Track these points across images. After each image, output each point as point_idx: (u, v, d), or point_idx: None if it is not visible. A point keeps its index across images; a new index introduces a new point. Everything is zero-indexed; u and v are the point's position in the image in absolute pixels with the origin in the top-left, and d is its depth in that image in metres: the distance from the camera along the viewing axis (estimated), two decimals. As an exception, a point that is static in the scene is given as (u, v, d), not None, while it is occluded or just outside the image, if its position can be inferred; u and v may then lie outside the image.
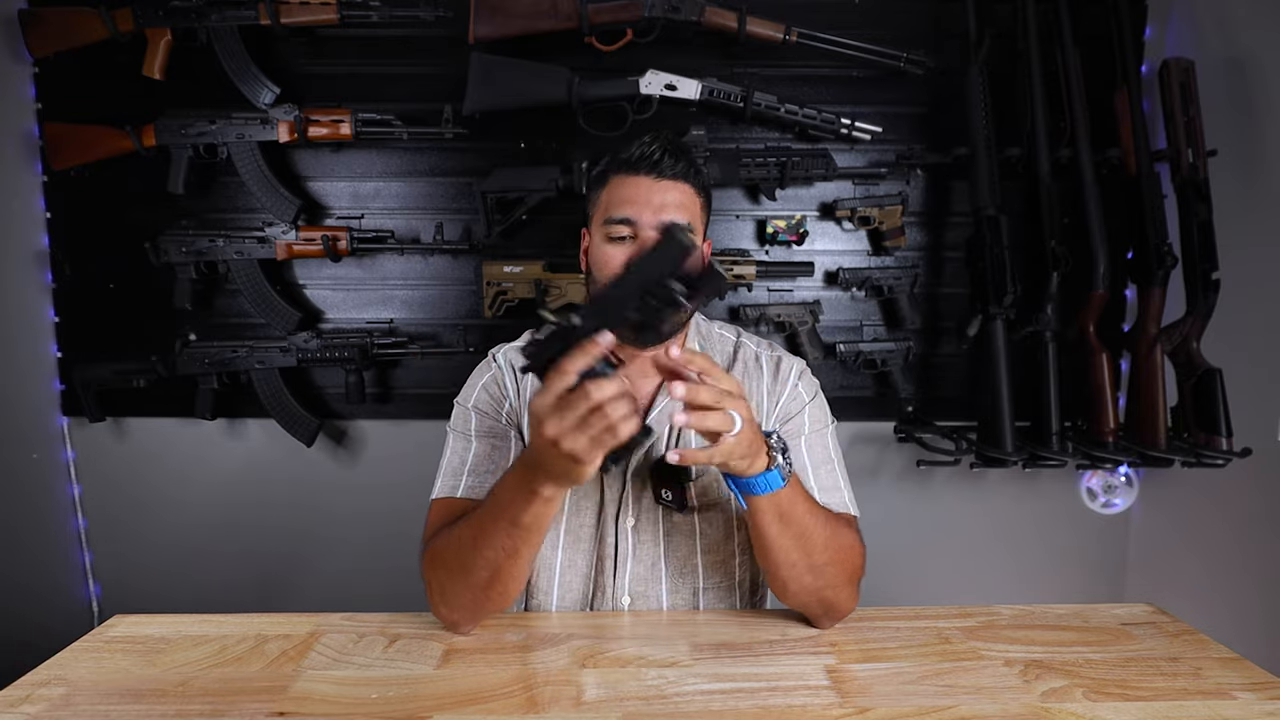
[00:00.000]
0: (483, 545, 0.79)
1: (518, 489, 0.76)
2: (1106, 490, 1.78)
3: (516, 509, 0.76)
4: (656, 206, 0.88)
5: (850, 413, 1.74)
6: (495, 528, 0.78)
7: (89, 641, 0.84)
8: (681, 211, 0.89)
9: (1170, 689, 0.76)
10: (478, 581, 0.81)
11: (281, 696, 0.73)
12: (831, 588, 0.85)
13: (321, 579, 1.80)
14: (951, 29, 1.62)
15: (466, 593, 0.82)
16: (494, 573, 0.80)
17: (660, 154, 0.89)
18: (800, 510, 0.81)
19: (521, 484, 0.75)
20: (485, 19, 1.52)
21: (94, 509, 1.77)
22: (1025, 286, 1.54)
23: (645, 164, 0.90)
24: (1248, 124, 1.53)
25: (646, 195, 0.89)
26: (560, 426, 0.67)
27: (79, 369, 1.65)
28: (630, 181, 0.90)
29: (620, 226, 0.89)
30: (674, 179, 0.90)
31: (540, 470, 0.73)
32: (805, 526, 0.81)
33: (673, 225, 0.59)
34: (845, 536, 0.87)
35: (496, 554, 0.79)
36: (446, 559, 0.83)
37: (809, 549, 0.82)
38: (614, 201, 0.90)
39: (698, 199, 0.93)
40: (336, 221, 1.66)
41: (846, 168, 1.64)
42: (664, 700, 0.73)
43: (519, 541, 0.78)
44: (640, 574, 0.96)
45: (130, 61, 1.56)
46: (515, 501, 0.76)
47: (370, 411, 1.73)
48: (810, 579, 0.84)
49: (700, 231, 0.93)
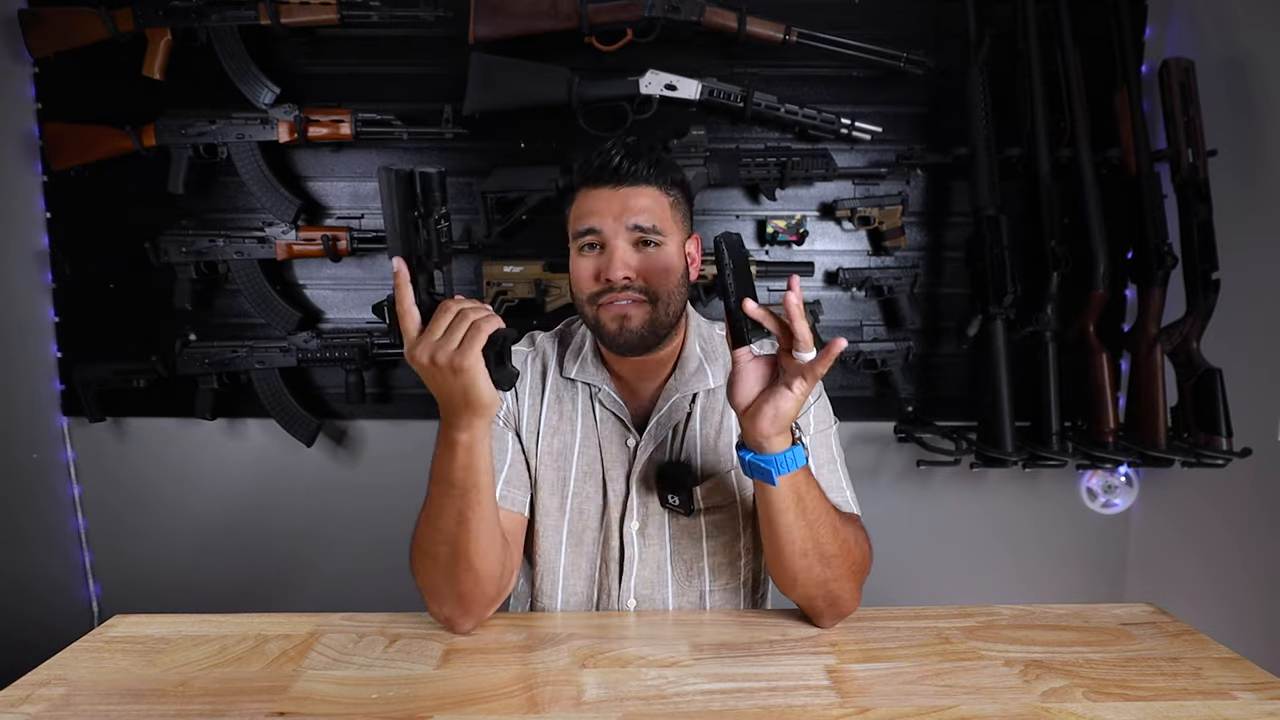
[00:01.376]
0: (435, 519, 0.80)
1: (440, 448, 0.77)
2: (1106, 490, 1.78)
3: (444, 467, 0.77)
4: (618, 212, 0.88)
5: (850, 413, 1.74)
6: (437, 495, 0.79)
7: (89, 641, 0.84)
8: (646, 215, 0.89)
9: (1170, 689, 0.76)
10: (441, 561, 0.81)
11: (281, 696, 0.73)
12: (838, 580, 0.85)
13: (321, 579, 1.80)
14: (951, 29, 1.62)
15: (438, 576, 0.82)
16: (452, 546, 0.80)
17: (619, 159, 0.89)
18: (815, 494, 0.81)
19: (441, 441, 0.77)
20: (485, 19, 1.52)
21: (94, 509, 1.77)
22: (1025, 286, 1.54)
23: (605, 173, 0.89)
24: (1248, 124, 1.54)
25: (608, 204, 0.89)
26: (429, 346, 0.71)
27: (79, 369, 1.65)
28: (593, 194, 0.90)
29: (587, 237, 0.89)
30: (636, 184, 0.89)
31: (446, 412, 0.75)
32: (819, 512, 0.82)
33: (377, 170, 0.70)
34: (852, 531, 0.87)
35: (447, 523, 0.79)
36: (416, 549, 0.83)
37: (820, 537, 0.82)
38: (580, 214, 0.91)
39: (665, 198, 0.91)
40: (336, 221, 1.66)
41: (846, 168, 1.64)
42: (664, 700, 0.73)
43: (461, 504, 0.78)
44: (646, 578, 0.96)
45: (130, 61, 1.56)
46: (441, 460, 0.77)
47: (370, 411, 1.73)
48: (820, 569, 0.83)
49: (675, 227, 0.92)
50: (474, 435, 0.75)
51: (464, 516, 0.78)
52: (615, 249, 0.88)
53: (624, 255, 0.88)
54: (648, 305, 0.89)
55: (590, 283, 0.90)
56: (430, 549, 0.81)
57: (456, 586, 0.82)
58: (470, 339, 0.70)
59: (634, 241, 0.89)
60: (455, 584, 0.82)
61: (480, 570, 0.81)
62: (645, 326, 0.89)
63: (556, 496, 0.97)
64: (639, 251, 0.89)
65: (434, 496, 0.79)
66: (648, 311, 0.89)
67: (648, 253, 0.89)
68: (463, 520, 0.78)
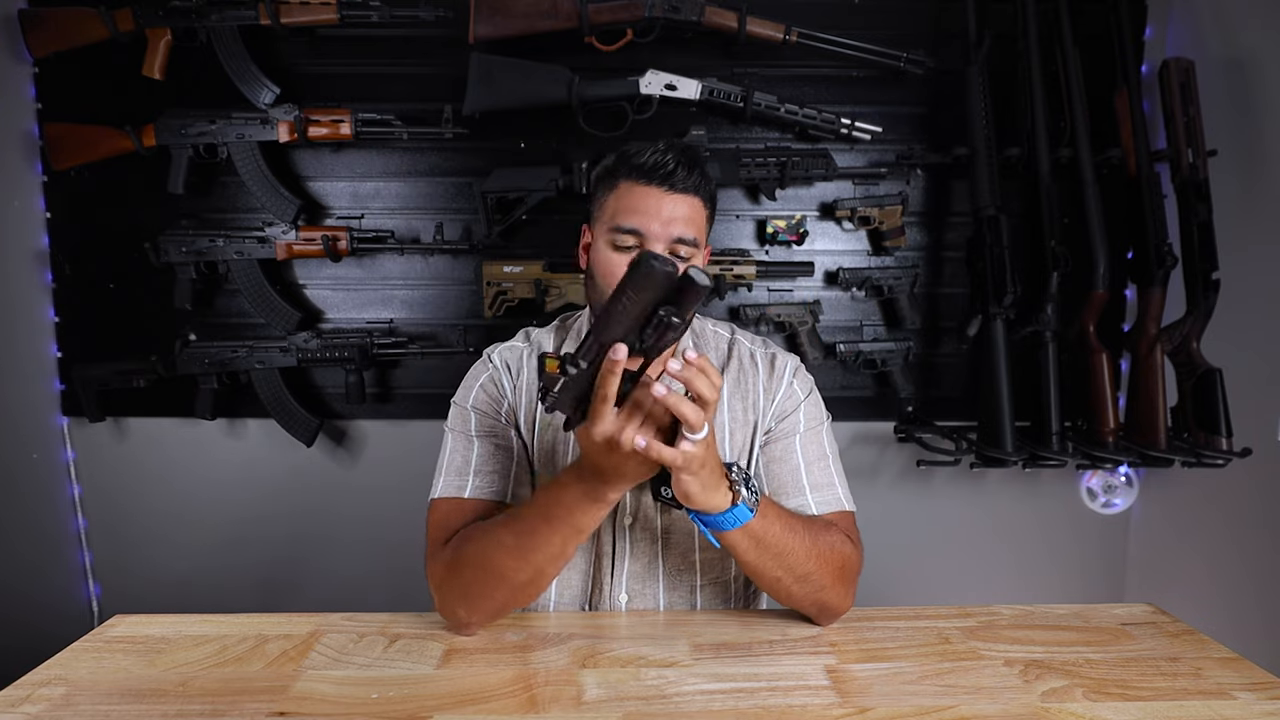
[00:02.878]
0: (529, 551, 0.80)
1: (582, 498, 0.76)
2: (1106, 490, 1.78)
3: (581, 517, 0.77)
4: (666, 220, 0.88)
5: (850, 413, 1.74)
6: (550, 533, 0.79)
7: (89, 641, 0.84)
8: (689, 226, 0.89)
9: (1170, 689, 0.76)
10: (516, 583, 0.81)
11: (282, 696, 0.73)
12: (821, 590, 0.85)
13: (322, 579, 1.80)
14: (951, 29, 1.62)
15: (500, 595, 0.82)
16: (536, 574, 0.81)
17: (674, 165, 0.88)
18: (776, 531, 0.80)
19: (586, 493, 0.76)
20: (485, 19, 1.52)
21: (94, 509, 1.77)
22: (1025, 286, 1.54)
23: (658, 174, 0.88)
24: (1248, 124, 1.53)
25: (656, 207, 0.88)
26: (631, 430, 0.68)
27: (79, 369, 1.65)
28: (641, 191, 0.89)
29: (627, 236, 0.89)
30: (684, 192, 0.89)
31: (610, 478, 0.74)
32: (784, 546, 0.81)
33: (643, 255, 0.60)
34: (829, 539, 0.86)
35: (544, 558, 0.80)
36: (479, 562, 0.83)
37: (790, 564, 0.82)
38: (623, 209, 0.89)
39: (704, 210, 0.92)
40: (336, 221, 1.66)
41: (846, 168, 1.64)
42: (664, 700, 0.73)
43: (572, 546, 0.80)
44: (637, 572, 0.96)
45: (130, 61, 1.56)
46: (580, 508, 0.77)
47: (370, 411, 1.73)
48: (798, 588, 0.84)
49: (703, 241, 0.93)
50: (621, 493, 0.77)
51: (565, 555, 0.80)
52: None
53: None
54: None
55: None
56: (509, 572, 0.81)
57: (511, 605, 0.84)
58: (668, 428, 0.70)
59: (671, 250, 0.89)
60: (513, 602, 0.84)
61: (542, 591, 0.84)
62: None
63: None
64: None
65: (541, 531, 0.79)
66: None
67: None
68: (562, 557, 0.80)
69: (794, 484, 0.94)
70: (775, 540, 0.80)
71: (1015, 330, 1.56)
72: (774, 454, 0.96)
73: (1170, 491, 1.73)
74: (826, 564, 0.84)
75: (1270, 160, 1.51)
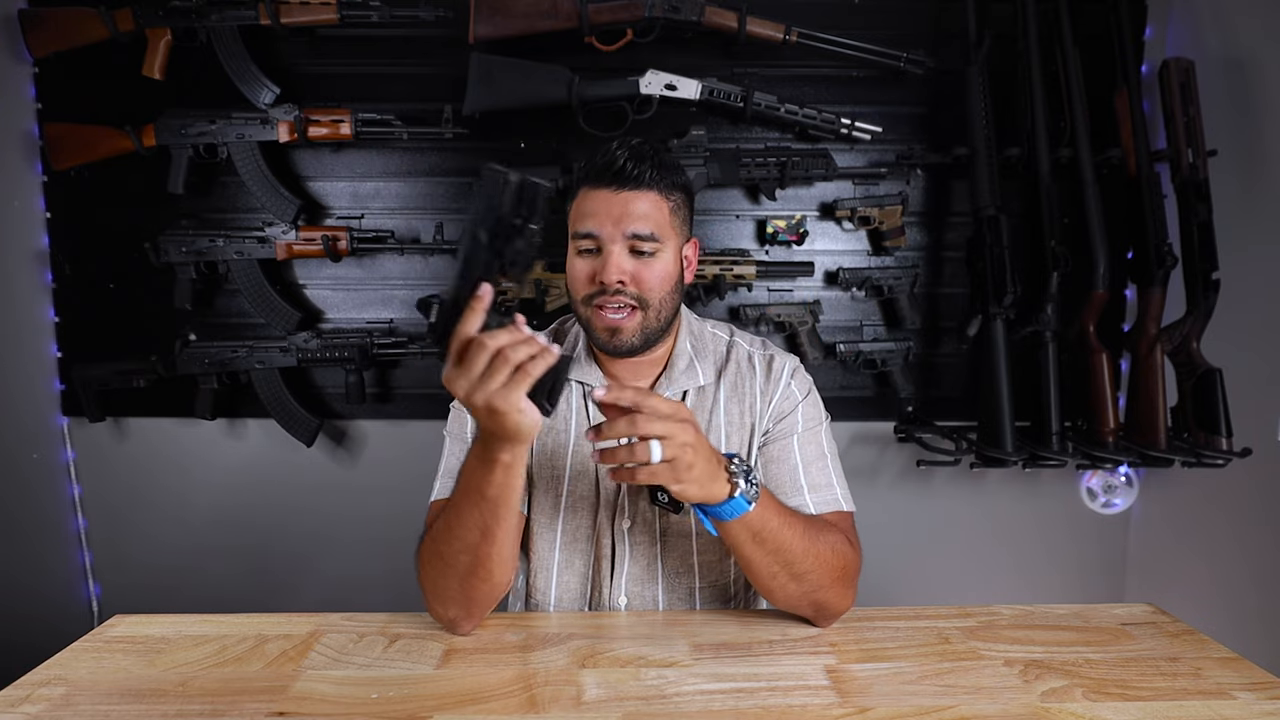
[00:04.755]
0: (457, 528, 0.79)
1: (479, 461, 0.76)
2: (1106, 490, 1.78)
3: (479, 479, 0.76)
4: (617, 218, 0.88)
5: (850, 413, 1.74)
6: (466, 506, 0.78)
7: (89, 641, 0.84)
8: (645, 222, 0.88)
9: (1170, 689, 0.76)
10: (459, 569, 0.81)
11: (281, 696, 0.73)
12: (819, 590, 0.84)
13: (322, 579, 1.80)
14: (951, 29, 1.62)
15: (453, 583, 0.82)
16: (473, 556, 0.80)
17: (624, 162, 0.88)
18: (774, 525, 0.80)
19: (478, 455, 0.76)
20: (485, 19, 1.52)
21: (94, 509, 1.77)
22: (1025, 286, 1.54)
23: (608, 175, 0.88)
24: (1248, 124, 1.53)
25: (607, 207, 0.88)
26: (468, 384, 0.67)
27: (79, 369, 1.65)
28: (594, 195, 0.89)
29: (585, 240, 0.89)
30: (638, 188, 0.89)
31: (487, 435, 0.73)
32: (782, 541, 0.81)
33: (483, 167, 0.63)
34: (828, 538, 0.86)
35: (471, 534, 0.79)
36: (430, 552, 0.83)
37: (788, 560, 0.82)
38: (579, 215, 0.91)
39: (665, 203, 0.91)
40: (336, 221, 1.66)
41: (846, 168, 1.64)
42: (664, 700, 0.73)
43: (489, 518, 0.78)
44: (636, 574, 0.96)
45: (130, 61, 1.56)
46: (477, 472, 0.76)
47: (370, 411, 1.73)
48: (794, 586, 0.84)
49: (674, 233, 0.92)
50: (515, 455, 0.75)
51: (490, 529, 0.78)
52: (611, 254, 0.88)
53: (619, 261, 0.88)
54: (639, 313, 0.90)
55: (585, 284, 0.90)
56: (450, 557, 0.81)
57: (470, 593, 0.82)
58: (514, 383, 0.66)
59: (631, 248, 0.89)
60: (469, 591, 0.82)
61: (497, 579, 0.82)
62: (636, 335, 0.90)
63: (551, 494, 0.97)
64: (635, 258, 0.89)
65: (461, 506, 0.79)
66: (639, 319, 0.90)
67: (643, 260, 0.89)
68: (488, 532, 0.78)
69: (792, 484, 0.94)
70: (773, 535, 0.80)
71: (1015, 330, 1.56)
72: (772, 454, 0.96)
73: (1170, 491, 1.73)
74: (824, 563, 0.84)
75: (1270, 160, 1.51)
